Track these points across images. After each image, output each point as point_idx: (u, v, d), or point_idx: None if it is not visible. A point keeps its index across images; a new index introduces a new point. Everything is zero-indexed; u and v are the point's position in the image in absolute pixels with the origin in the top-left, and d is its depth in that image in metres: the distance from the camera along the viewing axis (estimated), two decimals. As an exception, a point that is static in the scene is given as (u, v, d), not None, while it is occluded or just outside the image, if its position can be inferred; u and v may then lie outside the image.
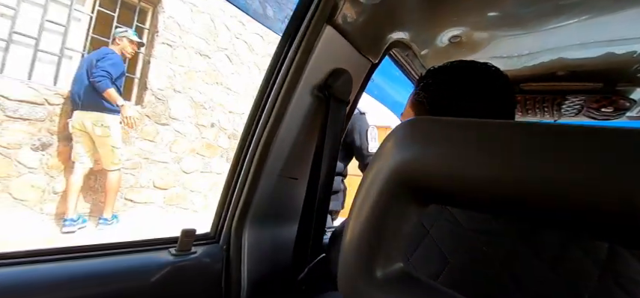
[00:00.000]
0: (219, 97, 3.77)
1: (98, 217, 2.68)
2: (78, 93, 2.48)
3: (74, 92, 2.52)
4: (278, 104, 0.61)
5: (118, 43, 2.64)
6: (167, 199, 3.41)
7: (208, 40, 3.58)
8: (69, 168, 2.69)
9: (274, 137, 0.61)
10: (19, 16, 2.54)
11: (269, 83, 0.63)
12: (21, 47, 2.58)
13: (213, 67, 3.67)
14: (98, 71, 2.37)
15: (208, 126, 3.70)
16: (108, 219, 2.61)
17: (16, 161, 2.48)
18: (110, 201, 2.63)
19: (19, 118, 2.46)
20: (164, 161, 3.35)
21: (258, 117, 0.63)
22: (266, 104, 0.62)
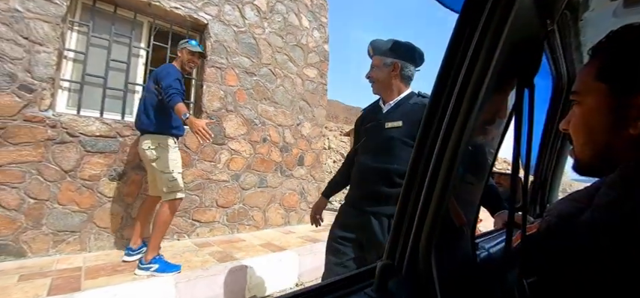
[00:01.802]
0: (267, 112, 3.81)
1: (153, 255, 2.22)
2: (135, 120, 2.45)
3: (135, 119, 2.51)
4: (467, 99, 0.48)
5: (180, 56, 2.47)
6: (229, 216, 3.43)
7: (252, 57, 3.68)
8: (142, 195, 2.80)
9: (461, 140, 0.49)
10: (89, 59, 2.77)
11: (448, 79, 0.51)
12: (92, 87, 2.80)
13: (260, 83, 3.74)
14: (166, 89, 2.18)
15: (260, 141, 3.73)
16: (145, 263, 2.16)
17: (98, 192, 2.63)
18: (155, 238, 2.22)
19: (96, 152, 2.63)
20: (224, 180, 3.40)
21: (439, 121, 0.51)
22: (448, 104, 0.50)
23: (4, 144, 2.26)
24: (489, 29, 0.45)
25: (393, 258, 0.56)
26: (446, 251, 0.54)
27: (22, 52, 2.34)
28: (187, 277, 2.16)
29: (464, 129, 0.48)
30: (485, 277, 0.69)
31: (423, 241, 0.52)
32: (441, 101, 0.50)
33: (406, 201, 0.55)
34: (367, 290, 0.52)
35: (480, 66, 0.46)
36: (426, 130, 0.52)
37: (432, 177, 0.50)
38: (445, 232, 0.54)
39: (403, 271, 0.54)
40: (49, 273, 2.09)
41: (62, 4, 2.50)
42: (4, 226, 2.26)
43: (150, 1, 2.94)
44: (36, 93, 2.38)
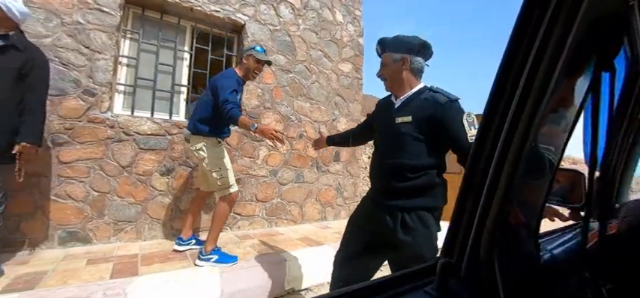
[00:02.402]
0: (303, 108, 3.84)
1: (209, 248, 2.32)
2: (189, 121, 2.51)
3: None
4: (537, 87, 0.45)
5: (245, 63, 2.42)
6: (268, 210, 3.53)
7: (287, 54, 3.73)
8: (189, 189, 2.99)
9: (528, 134, 0.46)
10: (140, 63, 3.00)
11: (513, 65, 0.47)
12: (143, 89, 3.03)
13: (295, 79, 3.79)
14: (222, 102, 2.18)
15: (297, 137, 3.78)
16: (205, 254, 2.27)
17: (150, 186, 2.85)
18: (213, 231, 2.31)
19: (148, 149, 2.84)
20: (263, 175, 3.50)
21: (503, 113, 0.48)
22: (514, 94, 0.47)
23: (72, 143, 2.54)
24: (564, 5, 0.40)
25: (451, 256, 0.55)
26: (509, 252, 0.52)
27: (85, 60, 2.60)
28: (231, 267, 2.26)
29: (531, 122, 0.44)
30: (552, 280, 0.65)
31: (485, 240, 0.50)
32: (505, 90, 0.47)
33: (465, 198, 0.53)
34: (427, 288, 0.52)
35: (552, 48, 0.42)
36: (488, 123, 0.49)
37: (494, 174, 0.48)
38: (508, 231, 0.52)
39: (463, 270, 0.52)
40: (111, 259, 2.31)
41: (116, 15, 2.74)
42: (73, 216, 2.54)
43: (192, 6, 3.10)
44: (97, 97, 2.64)
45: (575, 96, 0.54)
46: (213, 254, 2.28)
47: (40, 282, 1.85)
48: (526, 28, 0.44)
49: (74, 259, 2.27)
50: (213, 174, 2.31)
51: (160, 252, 2.50)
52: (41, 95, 2.03)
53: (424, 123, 1.27)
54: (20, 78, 1.90)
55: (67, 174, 2.51)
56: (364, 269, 1.46)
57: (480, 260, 0.51)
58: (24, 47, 1.94)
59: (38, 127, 1.99)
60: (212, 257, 2.27)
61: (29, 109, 1.92)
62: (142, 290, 1.90)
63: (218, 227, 2.32)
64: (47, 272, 2.01)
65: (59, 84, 2.50)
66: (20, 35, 1.99)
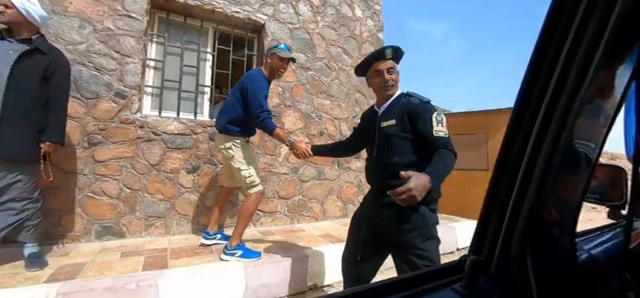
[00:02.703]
0: (323, 106, 3.85)
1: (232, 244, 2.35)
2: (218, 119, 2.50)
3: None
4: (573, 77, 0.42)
5: (269, 62, 2.41)
6: (290, 207, 3.57)
7: (307, 52, 3.74)
8: (214, 187, 3.08)
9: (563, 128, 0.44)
10: (166, 65, 3.12)
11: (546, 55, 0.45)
12: (169, 91, 3.15)
13: (315, 77, 3.79)
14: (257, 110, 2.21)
15: (317, 135, 3.79)
16: (231, 249, 2.31)
17: (178, 183, 2.96)
18: (238, 227, 2.34)
19: (175, 148, 2.96)
20: (284, 172, 3.54)
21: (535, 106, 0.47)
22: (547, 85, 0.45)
23: (106, 142, 2.69)
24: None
25: (479, 254, 0.54)
26: (542, 250, 0.50)
27: (115, 64, 2.74)
28: (255, 262, 2.31)
29: (567, 115, 0.43)
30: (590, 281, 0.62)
31: (517, 238, 0.49)
32: (538, 81, 0.46)
33: (495, 195, 0.52)
34: (456, 286, 0.52)
35: (590, 34, 0.40)
36: (519, 117, 0.48)
37: (526, 170, 0.47)
38: (541, 229, 0.50)
39: (493, 268, 0.51)
40: (142, 252, 2.43)
41: (143, 20, 2.86)
42: (108, 211, 2.69)
43: (214, 8, 3.19)
44: (127, 99, 2.77)
45: (616, 87, 0.49)
46: (237, 250, 2.34)
47: (80, 273, 1.98)
48: (562, 11, 0.42)
49: (109, 252, 2.40)
50: (242, 172, 2.36)
51: (187, 247, 2.60)
52: (64, 96, 2.14)
53: (405, 123, 1.41)
54: (45, 80, 2.02)
55: (101, 172, 2.67)
56: (369, 266, 1.58)
57: (512, 259, 0.49)
58: (47, 50, 2.06)
59: (61, 127, 2.10)
60: (237, 253, 2.33)
61: (53, 110, 2.04)
62: (171, 283, 1.98)
63: (243, 224, 2.37)
64: (86, 263, 2.15)
65: (93, 88, 2.65)
66: (42, 38, 2.10)
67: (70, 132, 2.56)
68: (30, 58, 1.98)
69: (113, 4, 2.75)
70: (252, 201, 2.36)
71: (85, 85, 2.63)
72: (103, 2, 2.72)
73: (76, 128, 2.59)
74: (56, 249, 2.41)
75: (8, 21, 1.97)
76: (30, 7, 1.99)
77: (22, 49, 1.96)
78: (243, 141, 2.43)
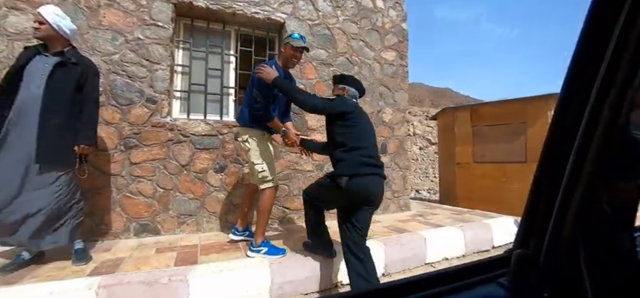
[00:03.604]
0: (345, 100, 3.80)
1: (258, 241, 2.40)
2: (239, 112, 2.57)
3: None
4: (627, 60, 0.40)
5: (283, 52, 2.47)
6: (315, 205, 3.57)
7: (328, 48, 3.71)
8: (240, 185, 3.16)
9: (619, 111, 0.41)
10: (192, 70, 3.25)
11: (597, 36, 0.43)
12: (196, 94, 3.28)
13: (337, 72, 3.75)
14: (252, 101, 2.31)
15: (340, 130, 3.74)
16: (255, 246, 2.37)
17: (206, 183, 3.08)
18: (259, 224, 2.39)
19: (203, 149, 3.08)
20: (309, 170, 3.55)
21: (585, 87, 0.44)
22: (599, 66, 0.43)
23: (140, 146, 2.86)
24: None
25: (527, 247, 0.52)
26: (597, 245, 0.48)
27: (145, 71, 2.90)
28: (280, 259, 2.34)
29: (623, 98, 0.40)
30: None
31: (567, 231, 0.47)
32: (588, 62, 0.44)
33: (541, 187, 0.51)
34: (502, 280, 0.51)
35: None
36: (567, 102, 0.47)
37: (576, 159, 0.45)
38: (594, 222, 0.47)
39: (541, 262, 0.50)
40: (175, 248, 2.56)
41: (169, 28, 3.00)
42: (144, 210, 2.86)
43: (234, 11, 3.26)
44: (158, 104, 2.93)
45: None
46: (262, 247, 2.38)
47: (119, 267, 2.13)
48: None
49: (146, 248, 2.56)
50: (255, 166, 2.40)
51: (216, 243, 2.70)
52: (95, 101, 2.28)
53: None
54: (79, 88, 2.17)
55: (137, 174, 2.85)
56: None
57: (562, 253, 0.47)
58: (78, 60, 2.21)
59: (93, 130, 2.24)
60: (262, 249, 2.37)
61: (87, 114, 2.19)
62: (200, 278, 2.06)
63: (263, 220, 2.40)
64: (124, 258, 2.31)
65: (127, 95, 2.83)
66: (74, 50, 2.26)
67: (108, 137, 2.76)
68: (64, 69, 2.15)
69: (141, 15, 2.91)
70: (265, 197, 2.39)
71: (120, 93, 2.81)
72: (132, 14, 2.88)
73: (113, 133, 2.78)
74: (99, 245, 2.61)
75: (43, 36, 2.14)
76: (60, 21, 2.16)
77: (55, 61, 2.13)
78: (259, 134, 2.45)
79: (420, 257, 2.93)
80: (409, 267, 2.85)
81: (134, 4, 2.90)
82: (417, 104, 15.58)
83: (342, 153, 1.98)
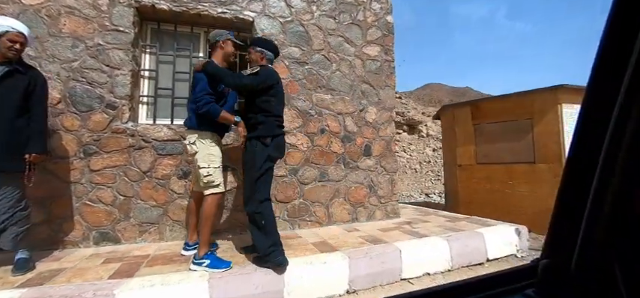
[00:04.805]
0: (324, 101, 3.57)
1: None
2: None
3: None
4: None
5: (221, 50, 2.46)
6: (289, 212, 3.36)
7: (302, 45, 3.51)
8: (204, 191, 3.03)
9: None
10: (160, 74, 3.18)
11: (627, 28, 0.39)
12: (164, 99, 3.20)
13: (312, 71, 3.54)
14: (199, 96, 2.25)
15: (318, 132, 3.52)
16: (198, 258, 2.20)
17: (170, 189, 2.98)
18: (202, 234, 2.24)
19: (166, 155, 2.98)
20: (281, 175, 3.35)
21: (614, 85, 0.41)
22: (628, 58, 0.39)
23: (100, 152, 2.81)
24: None
25: (555, 257, 0.51)
26: (631, 254, 0.44)
27: (106, 77, 2.86)
28: (222, 273, 2.15)
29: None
30: None
31: (599, 239, 0.45)
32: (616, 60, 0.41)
33: (569, 193, 0.50)
34: (528, 291, 0.50)
35: None
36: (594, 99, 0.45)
37: (606, 161, 0.42)
38: (631, 231, 0.44)
39: (571, 273, 0.48)
40: (125, 258, 2.46)
41: (131, 32, 2.95)
42: (104, 218, 2.81)
43: (199, 12, 3.16)
44: (118, 109, 2.87)
45: None
46: (205, 259, 2.21)
47: (53, 279, 2.05)
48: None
49: (96, 258, 2.48)
50: (201, 169, 2.28)
51: (169, 254, 2.57)
52: (44, 109, 2.26)
53: None
54: (27, 96, 2.14)
55: (97, 181, 2.80)
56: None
57: (593, 263, 0.46)
58: (25, 68, 2.19)
59: (43, 138, 2.22)
60: (204, 262, 2.20)
61: (36, 123, 2.16)
62: (129, 292, 1.92)
63: (207, 229, 2.24)
64: (66, 269, 2.23)
65: (86, 101, 2.80)
66: (20, 59, 2.24)
67: (67, 144, 2.74)
68: (11, 78, 2.14)
69: (102, 21, 2.89)
70: (208, 204, 2.25)
71: (79, 99, 2.79)
72: (92, 20, 2.86)
73: (72, 140, 2.76)
74: (54, 254, 2.57)
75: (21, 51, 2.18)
76: (28, 31, 2.18)
77: (3, 70, 2.11)
78: (208, 137, 2.34)
79: (393, 272, 2.62)
80: (380, 284, 2.55)
81: (95, 10, 2.88)
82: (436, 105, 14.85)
83: (265, 117, 2.32)
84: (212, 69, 2.28)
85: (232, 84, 2.32)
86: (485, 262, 3.05)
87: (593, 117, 0.44)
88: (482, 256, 3.03)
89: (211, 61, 2.41)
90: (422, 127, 11.09)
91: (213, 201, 2.27)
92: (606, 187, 0.42)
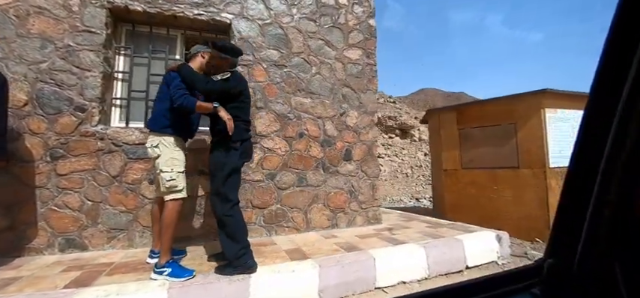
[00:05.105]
0: (303, 105, 3.51)
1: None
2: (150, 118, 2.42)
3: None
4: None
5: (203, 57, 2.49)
6: (266, 218, 3.28)
7: (281, 48, 3.46)
8: (176, 196, 2.95)
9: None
10: (134, 77, 3.12)
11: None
12: (138, 101, 3.13)
13: (291, 74, 3.48)
14: (173, 91, 2.20)
15: (296, 137, 3.46)
16: (159, 267, 2.12)
17: (140, 194, 2.90)
18: (163, 242, 2.16)
19: (137, 159, 2.91)
20: (258, 180, 3.28)
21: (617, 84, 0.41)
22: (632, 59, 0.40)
23: (67, 156, 2.74)
24: None
25: (558, 257, 0.52)
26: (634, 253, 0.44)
27: (76, 79, 2.80)
28: (182, 283, 2.07)
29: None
30: None
31: (602, 239, 0.45)
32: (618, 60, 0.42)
33: (572, 191, 0.50)
34: (534, 290, 0.52)
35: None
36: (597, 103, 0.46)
37: (609, 162, 0.43)
38: (632, 232, 0.44)
39: (574, 273, 0.48)
40: (87, 266, 2.37)
41: (102, 34, 2.89)
42: (71, 224, 2.72)
43: (174, 13, 3.10)
44: (87, 112, 2.81)
45: None
46: (166, 268, 2.13)
47: (4, 289, 1.96)
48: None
49: (57, 266, 2.40)
50: (163, 173, 2.20)
51: (135, 262, 2.48)
52: (4, 111, 2.18)
53: None
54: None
55: (64, 186, 2.72)
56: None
57: (596, 263, 0.46)
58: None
59: (3, 142, 2.14)
60: (165, 271, 2.12)
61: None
62: (81, 303, 1.85)
63: (168, 237, 2.16)
64: (21, 278, 2.15)
65: (54, 104, 2.73)
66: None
67: (33, 147, 2.66)
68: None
69: (73, 22, 2.83)
70: (169, 210, 2.18)
71: (47, 102, 2.72)
72: (63, 21, 2.80)
73: (38, 143, 2.68)
74: (16, 262, 2.48)
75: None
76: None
77: None
78: (173, 140, 2.29)
79: (366, 280, 2.54)
80: (353, 293, 2.48)
81: (65, 10, 2.82)
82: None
83: (234, 122, 2.28)
84: (186, 71, 2.28)
85: (204, 89, 2.28)
86: (465, 270, 2.98)
87: (595, 121, 0.45)
88: (461, 263, 2.97)
89: (187, 64, 2.40)
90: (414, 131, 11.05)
91: (175, 208, 2.20)
92: (608, 190, 0.43)
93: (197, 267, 2.35)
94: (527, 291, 0.51)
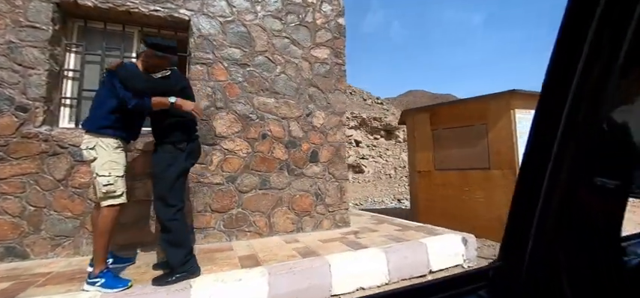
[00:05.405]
0: (266, 105, 3.40)
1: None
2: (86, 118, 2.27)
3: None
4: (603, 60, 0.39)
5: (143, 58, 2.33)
6: (226, 222, 3.16)
7: (243, 47, 3.35)
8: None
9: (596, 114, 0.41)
10: (86, 75, 2.98)
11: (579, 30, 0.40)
12: (89, 101, 2.99)
13: (254, 73, 3.37)
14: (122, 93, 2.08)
15: (259, 138, 3.35)
16: (92, 277, 1.98)
17: (88, 199, 2.76)
18: (96, 250, 2.03)
19: (85, 162, 2.75)
20: (217, 183, 3.16)
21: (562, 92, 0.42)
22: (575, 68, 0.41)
23: (7, 159, 2.58)
24: None
25: (508, 259, 0.53)
26: (579, 255, 0.47)
27: (18, 77, 2.65)
28: (116, 294, 1.95)
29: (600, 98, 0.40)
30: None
31: (548, 241, 0.46)
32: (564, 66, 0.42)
33: (522, 195, 0.51)
34: (482, 292, 0.52)
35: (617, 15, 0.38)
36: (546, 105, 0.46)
37: (555, 164, 0.44)
38: (576, 232, 0.46)
39: (523, 276, 0.49)
40: (21, 277, 2.22)
41: (48, 29, 2.74)
42: (10, 231, 2.57)
43: (128, 9, 2.97)
44: (30, 112, 2.65)
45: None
46: (100, 278, 2.00)
47: None
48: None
49: (-11, 276, 2.24)
50: (99, 177, 2.06)
51: (74, 271, 2.35)
52: None
53: None
54: None
55: (3, 190, 2.56)
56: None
57: (542, 265, 0.47)
58: None
59: None
60: (98, 281, 1.99)
61: None
62: (-3, 318, 1.71)
63: (102, 245, 2.03)
64: (-58, 291, 2.00)
65: (-7, 103, 2.57)
66: None
67: (-31, 150, 2.50)
68: None
69: (15, 17, 2.68)
70: (104, 217, 2.05)
71: (-15, 101, 2.56)
72: (4, 15, 2.65)
73: (-25, 146, 2.52)
74: (-56, 272, 2.32)
75: None
76: None
77: None
78: (112, 142, 2.14)
79: (321, 288, 2.44)
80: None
81: (8, 4, 2.67)
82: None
83: (177, 121, 2.24)
84: (123, 71, 2.14)
85: (144, 88, 2.15)
86: (428, 274, 2.90)
87: (545, 122, 0.46)
88: (424, 267, 2.89)
89: (126, 63, 2.27)
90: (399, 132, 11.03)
91: (111, 214, 2.07)
92: (554, 190, 0.44)
93: (140, 276, 2.23)
94: (474, 293, 0.52)
